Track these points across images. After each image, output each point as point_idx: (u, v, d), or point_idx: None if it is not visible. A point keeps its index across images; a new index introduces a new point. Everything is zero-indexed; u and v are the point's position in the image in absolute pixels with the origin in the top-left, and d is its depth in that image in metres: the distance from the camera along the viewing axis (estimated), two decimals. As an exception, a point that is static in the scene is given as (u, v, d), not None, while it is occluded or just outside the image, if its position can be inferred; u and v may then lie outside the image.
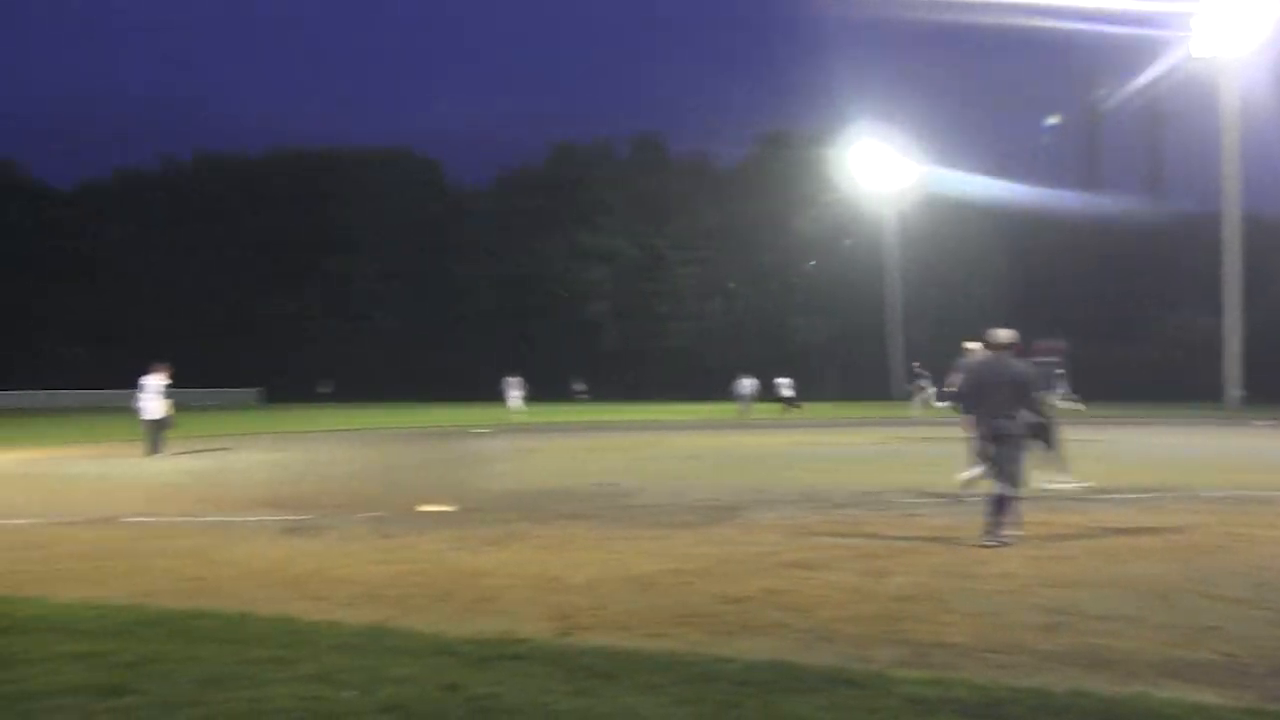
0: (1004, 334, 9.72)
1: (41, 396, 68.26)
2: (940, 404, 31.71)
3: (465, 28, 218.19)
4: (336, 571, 8.33)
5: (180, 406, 23.92)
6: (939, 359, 28.87)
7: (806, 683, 5.13)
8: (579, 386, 73.33)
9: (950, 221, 65.72)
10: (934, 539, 9.76)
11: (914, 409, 37.38)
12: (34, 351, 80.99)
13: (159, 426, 21.56)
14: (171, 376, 22.06)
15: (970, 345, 12.34)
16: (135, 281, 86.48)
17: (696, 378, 78.88)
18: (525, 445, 24.67)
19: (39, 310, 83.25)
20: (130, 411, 23.12)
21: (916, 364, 40.19)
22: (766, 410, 40.65)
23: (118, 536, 10.35)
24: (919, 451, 21.19)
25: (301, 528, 10.91)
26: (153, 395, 21.66)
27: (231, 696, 4.85)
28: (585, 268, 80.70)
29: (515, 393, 43.51)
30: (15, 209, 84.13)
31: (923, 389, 37.59)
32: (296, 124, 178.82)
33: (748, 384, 41.02)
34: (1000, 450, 9.39)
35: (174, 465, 19.27)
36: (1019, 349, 9.78)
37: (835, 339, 73.66)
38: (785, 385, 42.74)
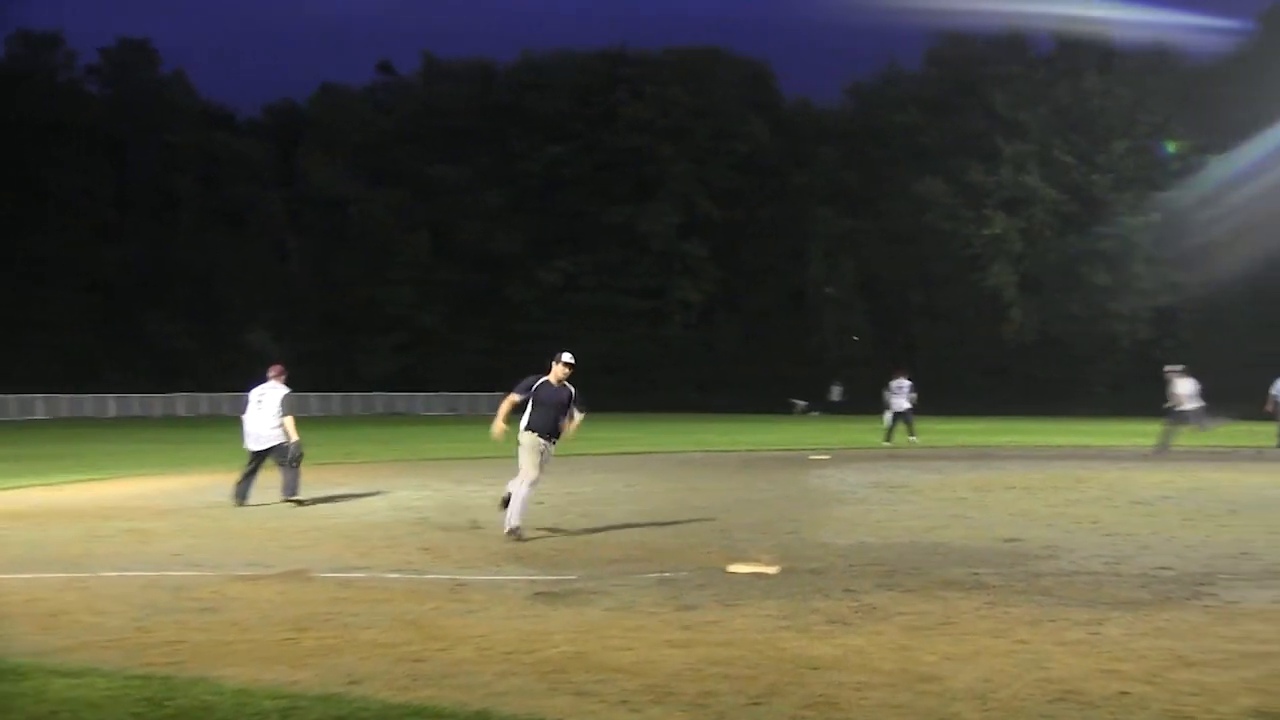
0: None
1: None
2: None
3: None
4: (609, 656, 8.49)
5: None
6: None
7: None
8: (799, 402, 73.16)
9: None
10: None
11: None
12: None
13: (276, 454, 19.51)
14: (286, 380, 20.00)
15: None
16: (338, 237, 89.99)
17: (1150, 382, 74.11)
18: (883, 479, 24.54)
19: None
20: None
21: None
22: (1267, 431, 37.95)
23: (311, 598, 10.92)
24: None
25: (561, 590, 11.26)
26: (264, 412, 19.71)
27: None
28: (980, 217, 78.78)
29: (902, 400, 39.66)
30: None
31: None
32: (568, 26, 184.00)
33: None
34: None
35: (386, 502, 20.18)
36: None
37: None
38: None
